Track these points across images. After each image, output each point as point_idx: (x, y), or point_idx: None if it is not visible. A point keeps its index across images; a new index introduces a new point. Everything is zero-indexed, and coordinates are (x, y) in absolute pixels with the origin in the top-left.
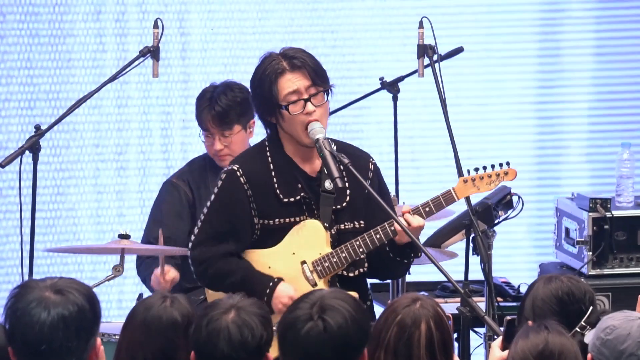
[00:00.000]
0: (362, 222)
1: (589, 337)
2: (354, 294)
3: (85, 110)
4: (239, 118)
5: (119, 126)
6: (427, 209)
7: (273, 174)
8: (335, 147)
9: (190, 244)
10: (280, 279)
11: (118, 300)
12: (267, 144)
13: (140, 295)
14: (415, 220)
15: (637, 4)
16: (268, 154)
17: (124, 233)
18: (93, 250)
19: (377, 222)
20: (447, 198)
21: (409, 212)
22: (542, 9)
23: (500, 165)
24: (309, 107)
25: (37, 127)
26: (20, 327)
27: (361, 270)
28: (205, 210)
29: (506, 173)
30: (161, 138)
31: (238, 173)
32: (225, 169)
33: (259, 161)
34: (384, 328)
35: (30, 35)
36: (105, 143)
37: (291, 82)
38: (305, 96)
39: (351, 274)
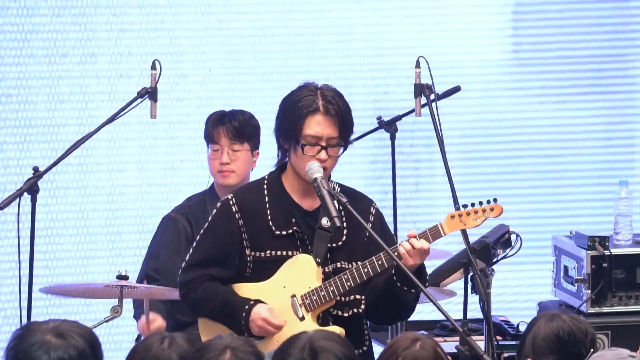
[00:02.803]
0: (359, 263)
1: None
2: (337, 329)
3: (83, 152)
4: (250, 138)
5: (117, 167)
6: None
7: (267, 205)
8: (338, 189)
9: (180, 270)
10: (256, 301)
11: (116, 342)
12: (266, 179)
13: (139, 336)
14: (419, 243)
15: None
16: (265, 187)
17: (123, 274)
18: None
19: None
20: (434, 233)
21: (415, 237)
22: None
23: (488, 201)
24: (322, 155)
25: (36, 169)
26: None
27: (355, 310)
28: (198, 237)
29: (492, 209)
30: (159, 179)
31: (231, 202)
32: (222, 198)
33: (255, 193)
34: None
35: (28, 78)
36: (103, 184)
37: (318, 127)
38: (324, 144)
39: (345, 314)
